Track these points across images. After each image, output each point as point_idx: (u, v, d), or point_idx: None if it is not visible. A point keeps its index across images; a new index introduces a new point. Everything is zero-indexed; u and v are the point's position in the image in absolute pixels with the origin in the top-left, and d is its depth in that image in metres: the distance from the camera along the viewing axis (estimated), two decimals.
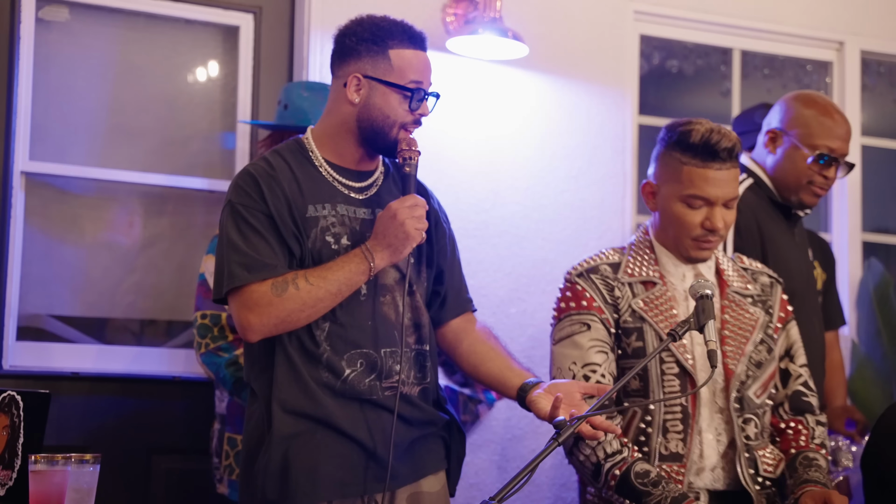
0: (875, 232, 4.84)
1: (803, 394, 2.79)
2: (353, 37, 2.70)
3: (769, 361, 2.75)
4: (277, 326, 2.57)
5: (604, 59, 4.29)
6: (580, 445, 2.60)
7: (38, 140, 3.78)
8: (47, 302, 3.86)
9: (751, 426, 2.69)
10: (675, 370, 2.66)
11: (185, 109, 4.03)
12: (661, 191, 2.74)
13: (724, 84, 4.67)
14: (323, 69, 3.92)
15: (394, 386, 2.64)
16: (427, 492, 2.73)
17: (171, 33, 4.01)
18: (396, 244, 2.58)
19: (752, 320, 2.75)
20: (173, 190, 3.97)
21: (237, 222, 2.60)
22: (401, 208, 2.59)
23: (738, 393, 2.68)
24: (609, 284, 2.73)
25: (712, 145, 2.65)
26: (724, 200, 2.69)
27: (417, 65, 2.69)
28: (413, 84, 2.67)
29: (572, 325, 2.69)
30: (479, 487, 3.98)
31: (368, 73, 2.66)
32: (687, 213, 2.69)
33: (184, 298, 4.00)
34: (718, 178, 2.67)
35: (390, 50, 2.67)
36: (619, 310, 2.70)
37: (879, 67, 4.89)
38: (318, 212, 2.64)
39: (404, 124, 2.67)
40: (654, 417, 2.66)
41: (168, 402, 3.79)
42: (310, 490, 2.58)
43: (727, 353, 2.69)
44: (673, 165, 2.71)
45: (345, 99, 2.69)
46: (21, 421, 2.60)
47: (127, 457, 3.69)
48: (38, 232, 3.83)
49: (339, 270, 2.57)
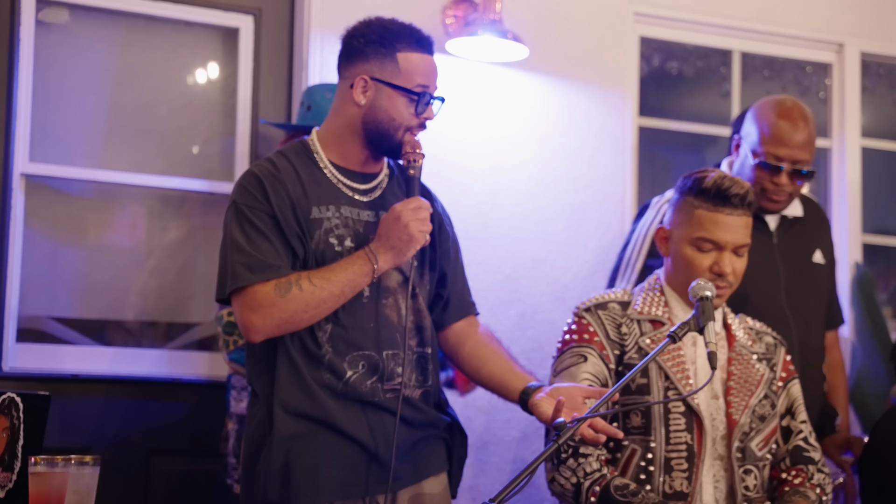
0: (875, 233, 4.84)
1: (804, 449, 2.83)
2: (361, 38, 2.70)
3: (772, 416, 2.80)
4: (280, 327, 2.57)
5: (603, 61, 4.29)
6: (560, 469, 2.63)
7: (38, 142, 3.78)
8: (47, 304, 3.86)
9: (751, 477, 2.73)
10: (682, 408, 2.70)
11: (185, 111, 4.03)
12: (674, 235, 2.80)
13: (724, 86, 4.67)
14: (323, 70, 3.92)
15: (395, 388, 2.64)
16: (429, 493, 2.73)
17: (171, 35, 4.02)
18: (400, 246, 2.59)
19: (757, 375, 2.80)
20: (173, 192, 3.97)
21: (241, 223, 2.60)
22: (405, 210, 2.59)
23: (740, 443, 2.72)
24: (616, 321, 2.77)
25: (724, 190, 2.72)
26: (733, 246, 2.74)
27: (424, 68, 2.69)
28: (419, 88, 2.67)
29: (571, 357, 2.74)
30: (478, 489, 3.98)
31: (375, 76, 2.67)
32: (696, 256, 2.75)
33: (184, 300, 4.00)
34: (728, 223, 2.73)
35: (398, 53, 2.67)
36: (626, 347, 2.74)
37: (879, 69, 4.89)
38: (321, 213, 2.64)
39: (409, 127, 2.68)
40: (655, 455, 2.68)
41: (168, 404, 3.79)
42: (311, 491, 2.58)
43: (732, 403, 2.73)
44: (686, 210, 2.77)
45: (351, 100, 2.69)
46: (21, 423, 2.60)
47: (127, 459, 3.69)
48: (39, 234, 3.83)
49: (342, 272, 2.57)
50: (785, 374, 2.86)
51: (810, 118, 3.44)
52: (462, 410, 3.97)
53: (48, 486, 2.42)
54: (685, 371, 2.71)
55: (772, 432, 2.80)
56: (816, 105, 4.81)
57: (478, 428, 4.02)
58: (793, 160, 3.37)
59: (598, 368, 2.71)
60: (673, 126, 4.58)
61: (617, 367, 2.73)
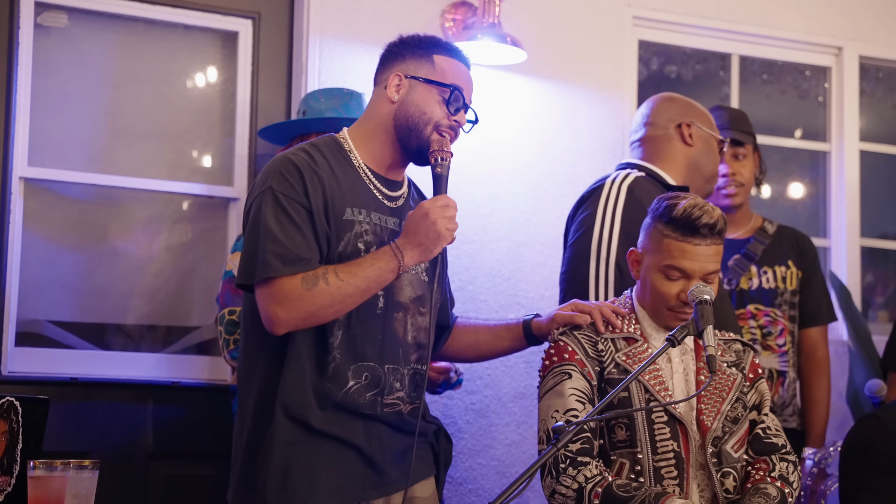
0: (874, 237, 4.84)
1: (764, 436, 2.85)
2: (399, 45, 2.74)
3: (745, 417, 2.82)
4: (306, 321, 2.56)
5: (602, 65, 4.30)
6: (560, 479, 2.64)
7: (37, 146, 3.77)
8: (46, 308, 3.86)
9: (729, 479, 2.75)
10: (665, 418, 2.73)
11: (185, 115, 4.03)
12: (645, 260, 2.83)
13: (722, 89, 4.67)
14: (322, 74, 3.92)
15: (394, 403, 2.66)
16: (420, 497, 2.75)
17: (170, 39, 4.02)
18: (427, 243, 2.59)
19: (728, 380, 2.83)
20: (172, 196, 3.97)
21: (276, 211, 2.56)
22: (433, 207, 2.59)
23: (713, 447, 2.74)
24: (592, 339, 2.81)
25: (692, 220, 2.73)
26: (700, 274, 2.76)
27: (459, 74, 2.72)
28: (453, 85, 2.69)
29: (554, 377, 2.76)
30: (477, 493, 3.98)
31: (410, 73, 2.69)
32: (664, 283, 2.77)
33: (183, 304, 4.00)
34: (697, 253, 2.74)
35: (435, 55, 2.70)
36: (604, 363, 2.77)
37: (878, 73, 4.89)
38: (354, 216, 2.63)
39: (439, 125, 2.68)
40: (643, 466, 2.71)
41: (167, 408, 3.79)
42: (309, 496, 2.58)
43: (703, 410, 2.76)
44: (656, 237, 2.79)
45: (385, 99, 2.70)
46: (20, 426, 2.60)
47: (126, 462, 3.69)
48: (37, 237, 3.83)
49: (368, 267, 2.57)
50: (753, 374, 2.89)
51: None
52: (460, 414, 3.98)
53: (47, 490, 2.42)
54: (663, 383, 2.75)
55: (745, 433, 2.82)
56: (815, 108, 4.81)
57: (476, 431, 4.02)
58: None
59: (582, 384, 2.74)
60: None
61: (599, 383, 2.77)
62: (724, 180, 3.87)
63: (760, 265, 3.90)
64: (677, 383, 2.78)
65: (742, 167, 3.90)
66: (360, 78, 3.93)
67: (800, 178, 4.93)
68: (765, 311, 3.88)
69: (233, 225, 3.94)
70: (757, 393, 2.88)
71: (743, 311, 3.87)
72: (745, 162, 3.92)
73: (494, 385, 4.00)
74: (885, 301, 4.95)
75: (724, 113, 3.97)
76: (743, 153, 3.91)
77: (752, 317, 3.87)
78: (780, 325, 3.87)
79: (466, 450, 3.99)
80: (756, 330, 3.86)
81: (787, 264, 3.92)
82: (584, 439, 2.69)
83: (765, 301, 3.88)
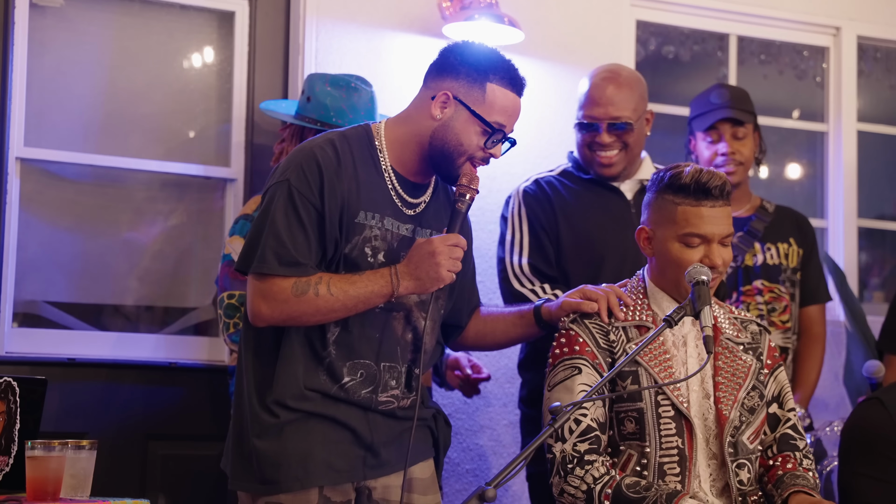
0: (871, 218, 4.84)
1: (791, 437, 2.84)
2: (459, 56, 2.68)
3: (761, 407, 2.80)
4: (286, 322, 2.58)
5: (600, 45, 4.28)
6: (568, 479, 2.63)
7: (34, 126, 3.77)
8: (43, 288, 3.86)
9: (744, 471, 2.73)
10: (671, 413, 2.70)
11: (181, 96, 4.02)
12: (657, 234, 2.78)
13: (720, 70, 4.66)
14: (318, 55, 3.91)
15: (389, 400, 2.67)
16: (418, 478, 2.75)
17: (167, 19, 4.00)
18: (425, 280, 2.59)
19: (745, 367, 2.80)
20: (169, 176, 3.97)
21: (286, 206, 2.57)
22: (441, 247, 2.58)
23: (732, 438, 2.72)
24: (604, 329, 2.78)
25: (703, 184, 2.71)
26: (720, 237, 2.74)
27: (509, 107, 2.69)
28: (497, 125, 2.66)
29: (564, 370, 2.74)
30: (475, 473, 3.99)
31: (459, 96, 2.65)
32: (685, 252, 2.73)
33: (180, 285, 4.00)
34: (713, 216, 2.72)
35: (488, 83, 2.65)
36: (615, 353, 2.75)
37: (876, 53, 4.89)
38: (366, 220, 2.63)
39: (472, 157, 2.67)
40: (649, 461, 2.69)
41: (164, 389, 3.79)
42: (302, 475, 2.59)
43: (720, 398, 2.74)
44: (667, 208, 2.76)
45: (427, 112, 2.67)
46: (17, 407, 2.61)
47: (123, 443, 3.69)
48: (34, 218, 3.82)
49: (362, 287, 2.57)
50: (770, 361, 2.86)
51: (627, 78, 3.43)
52: (458, 394, 3.98)
53: (45, 470, 2.43)
54: (672, 372, 2.72)
55: (761, 423, 2.80)
56: (813, 89, 4.81)
57: (474, 412, 4.02)
58: (608, 117, 3.37)
59: (592, 379, 2.71)
60: (669, 110, 4.57)
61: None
62: (724, 158, 3.87)
63: (764, 242, 3.91)
64: (692, 368, 2.74)
65: (742, 146, 3.90)
66: (356, 59, 3.93)
67: (797, 159, 4.93)
68: (770, 286, 3.88)
69: (230, 205, 3.94)
70: (776, 383, 2.86)
71: (749, 288, 3.88)
72: (745, 141, 3.91)
73: (491, 365, 4.00)
74: (881, 282, 4.95)
75: (724, 91, 3.96)
76: (743, 132, 3.90)
77: (758, 293, 3.88)
78: (783, 301, 3.88)
79: (464, 430, 4.00)
80: (763, 306, 3.86)
81: (789, 241, 3.92)
82: (591, 439, 2.67)
83: (770, 277, 3.90)
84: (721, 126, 3.87)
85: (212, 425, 3.76)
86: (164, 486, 3.75)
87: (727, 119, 3.87)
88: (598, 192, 3.44)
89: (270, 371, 2.61)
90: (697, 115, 3.95)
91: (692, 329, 2.76)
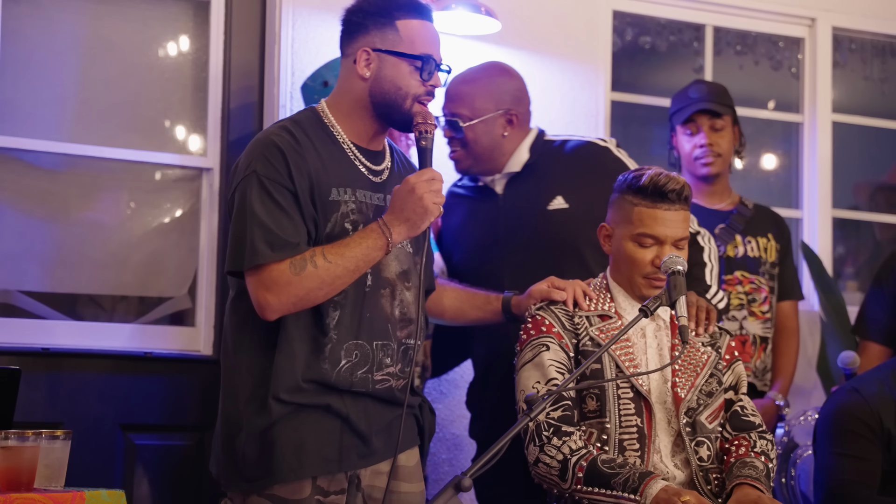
0: (846, 209, 4.87)
1: (742, 413, 2.91)
2: (360, 13, 2.71)
3: (719, 392, 2.89)
4: (296, 305, 2.56)
5: (576, 35, 4.29)
6: (545, 448, 2.68)
7: (7, 114, 3.74)
8: (17, 278, 3.83)
9: (703, 449, 2.81)
10: (630, 394, 2.79)
11: (156, 84, 4.00)
12: (616, 233, 2.90)
13: (696, 60, 4.67)
14: (295, 44, 3.89)
15: (384, 379, 2.67)
16: (404, 466, 2.76)
17: (142, 7, 3.98)
18: (414, 219, 2.59)
19: (703, 358, 2.89)
20: (144, 165, 3.95)
21: (261, 196, 2.56)
22: (419, 182, 2.59)
23: (688, 418, 2.81)
24: (569, 314, 2.88)
25: (660, 187, 2.81)
26: (672, 240, 2.83)
27: (426, 35, 2.70)
28: (423, 55, 2.67)
29: (533, 349, 2.82)
30: (451, 462, 4.00)
31: (377, 46, 2.67)
32: (637, 251, 2.84)
33: (156, 274, 3.98)
34: (667, 218, 2.82)
35: (397, 21, 2.67)
36: (579, 335, 2.84)
37: (851, 44, 4.91)
38: (340, 196, 2.63)
39: (417, 96, 2.68)
40: (610, 437, 2.77)
41: (140, 379, 3.78)
42: (296, 466, 2.59)
43: (677, 382, 2.83)
44: (625, 208, 2.86)
45: (356, 75, 2.69)
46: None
47: (99, 433, 3.68)
48: (7, 207, 3.80)
49: (356, 247, 2.57)
50: (729, 356, 2.96)
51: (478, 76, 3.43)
52: (436, 385, 3.99)
53: (19, 461, 2.42)
54: (633, 360, 2.81)
55: (720, 406, 2.89)
56: (788, 80, 4.83)
57: (451, 402, 4.03)
58: (447, 114, 3.40)
59: (560, 356, 2.81)
60: (646, 101, 4.59)
61: (575, 355, 2.83)
62: (702, 150, 3.94)
63: (745, 235, 3.98)
64: (651, 358, 2.85)
65: (720, 138, 3.97)
66: (333, 47, 3.87)
67: (773, 150, 4.95)
68: (750, 277, 3.97)
69: (205, 194, 3.92)
70: (734, 374, 2.94)
71: (730, 277, 3.95)
72: (724, 133, 3.98)
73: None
74: (855, 271, 4.99)
75: (702, 86, 4.03)
76: (721, 124, 3.97)
77: (738, 283, 3.95)
78: (763, 292, 3.98)
79: (441, 420, 4.00)
80: (742, 296, 3.93)
81: (768, 237, 4.03)
82: (564, 406, 2.75)
83: (750, 268, 3.97)
84: (699, 118, 3.95)
85: (187, 415, 3.75)
86: (140, 476, 3.74)
87: (704, 111, 3.94)
88: (474, 200, 3.48)
89: (267, 367, 2.60)
90: (677, 111, 4.02)
91: (650, 323, 2.86)
